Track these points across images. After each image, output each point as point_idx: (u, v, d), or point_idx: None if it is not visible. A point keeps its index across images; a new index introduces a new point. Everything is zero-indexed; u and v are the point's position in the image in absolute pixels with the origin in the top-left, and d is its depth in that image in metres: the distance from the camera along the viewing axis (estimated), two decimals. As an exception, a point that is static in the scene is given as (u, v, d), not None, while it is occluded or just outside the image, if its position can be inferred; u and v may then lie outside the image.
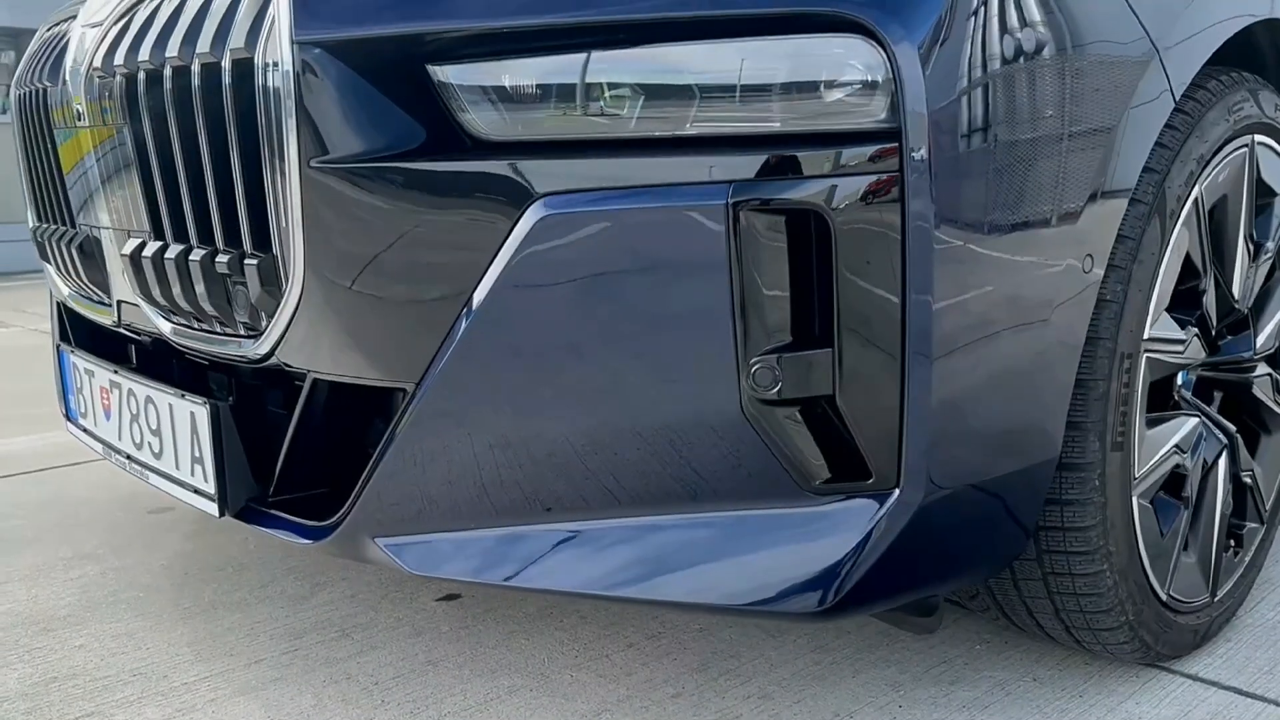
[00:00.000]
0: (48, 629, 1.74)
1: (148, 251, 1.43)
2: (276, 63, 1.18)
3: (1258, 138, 1.50)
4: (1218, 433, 1.55)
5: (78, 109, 1.53)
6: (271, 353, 1.32)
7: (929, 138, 1.04)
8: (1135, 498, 1.36)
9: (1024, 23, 1.11)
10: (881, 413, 1.10)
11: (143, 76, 1.37)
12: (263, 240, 1.26)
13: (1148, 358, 1.34)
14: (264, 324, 1.31)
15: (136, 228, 1.48)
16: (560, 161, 1.11)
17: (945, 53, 1.05)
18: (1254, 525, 1.64)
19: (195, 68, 1.28)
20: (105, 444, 1.70)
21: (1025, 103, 1.12)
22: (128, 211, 1.49)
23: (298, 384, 1.39)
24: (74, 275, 1.75)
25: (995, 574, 1.39)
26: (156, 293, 1.46)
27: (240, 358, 1.39)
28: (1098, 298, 1.24)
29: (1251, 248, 1.54)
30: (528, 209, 1.10)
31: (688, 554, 1.19)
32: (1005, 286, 1.14)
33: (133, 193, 1.45)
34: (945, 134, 1.05)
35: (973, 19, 1.07)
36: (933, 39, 1.04)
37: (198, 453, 1.42)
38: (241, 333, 1.38)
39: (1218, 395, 1.61)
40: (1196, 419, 1.49)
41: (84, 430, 1.79)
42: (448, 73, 1.14)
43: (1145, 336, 1.32)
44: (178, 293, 1.41)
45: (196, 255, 1.35)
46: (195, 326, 1.46)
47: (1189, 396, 1.52)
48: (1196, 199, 1.38)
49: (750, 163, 1.05)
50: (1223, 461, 1.54)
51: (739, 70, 1.05)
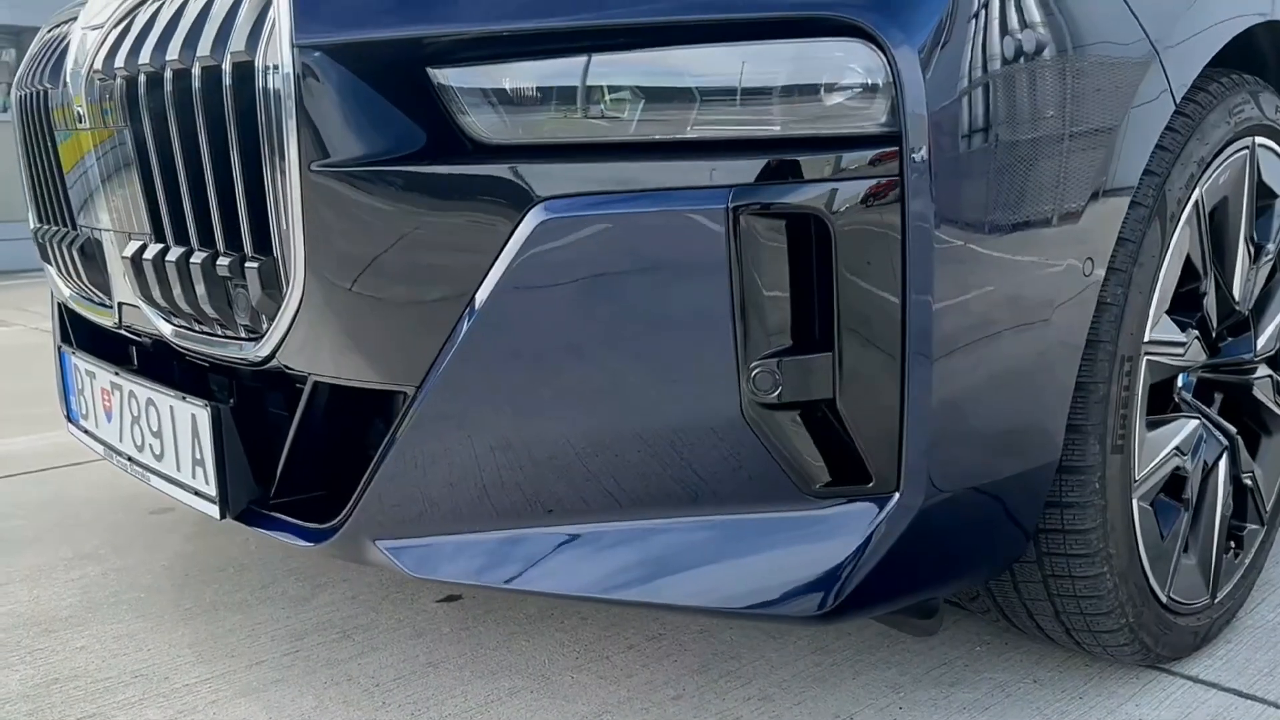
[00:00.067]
0: (49, 630, 1.74)
1: (149, 254, 1.43)
2: (277, 66, 1.18)
3: (1258, 139, 1.50)
4: (1218, 434, 1.55)
5: (78, 111, 1.53)
6: (272, 355, 1.32)
7: (929, 141, 1.04)
8: (1135, 500, 1.36)
9: (1024, 26, 1.11)
10: (881, 416, 1.10)
11: (143, 79, 1.37)
12: (263, 243, 1.27)
13: (1148, 360, 1.34)
14: (265, 326, 1.31)
15: (137, 230, 1.48)
16: (561, 165, 1.11)
17: (945, 56, 1.05)
18: (1254, 527, 1.65)
19: (196, 70, 1.28)
20: (107, 446, 1.70)
21: (1025, 106, 1.12)
22: (128, 214, 1.49)
23: (298, 386, 1.39)
24: (75, 277, 1.75)
25: (995, 576, 1.39)
26: (157, 295, 1.46)
27: (241, 360, 1.39)
28: (1098, 300, 1.24)
29: (1252, 249, 1.54)
30: (528, 212, 1.10)
31: (688, 557, 1.19)
32: (1005, 289, 1.14)
33: (133, 195, 1.46)
34: (945, 137, 1.06)
35: (972, 22, 1.08)
36: (933, 43, 1.04)
37: (199, 455, 1.43)
38: (242, 335, 1.38)
39: (1218, 397, 1.61)
40: (1197, 421, 1.49)
41: (85, 432, 1.79)
42: (448, 76, 1.14)
43: (1146, 339, 1.32)
44: (178, 295, 1.41)
45: (197, 258, 1.35)
46: (196, 329, 1.47)
47: (1189, 398, 1.52)
48: (1197, 201, 1.38)
49: (751, 167, 1.05)
50: (1223, 463, 1.54)
51: (739, 74, 1.05)
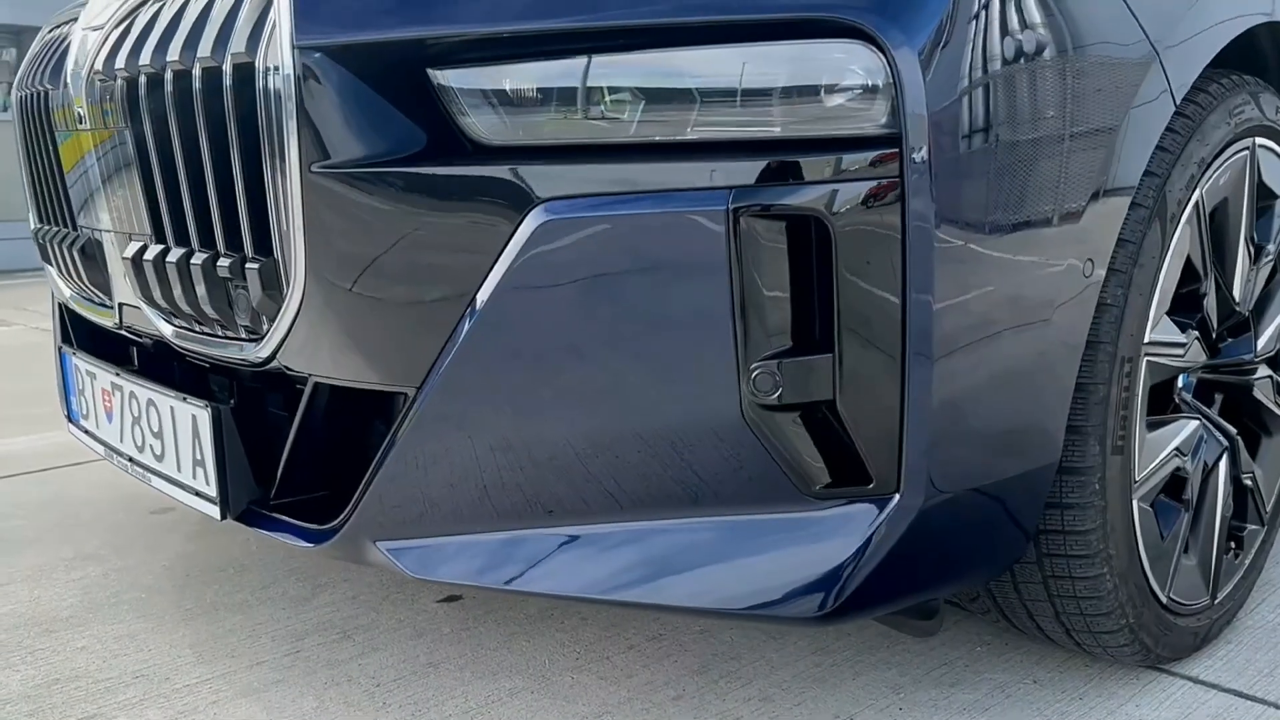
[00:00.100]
0: (50, 630, 1.74)
1: (149, 255, 1.44)
2: (277, 67, 1.18)
3: (1259, 140, 1.50)
4: (1218, 435, 1.55)
5: (79, 112, 1.53)
6: (273, 356, 1.32)
7: (929, 142, 1.04)
8: (1135, 501, 1.36)
9: (1024, 27, 1.11)
10: (882, 417, 1.10)
11: (144, 80, 1.37)
12: (264, 244, 1.27)
13: (1148, 361, 1.34)
14: (265, 327, 1.31)
15: (138, 231, 1.48)
16: (561, 166, 1.11)
17: (945, 58, 1.05)
18: (1254, 527, 1.65)
19: (196, 72, 1.28)
20: (107, 446, 1.70)
21: (1025, 107, 1.12)
22: (129, 214, 1.49)
23: (299, 387, 1.39)
24: (75, 277, 1.75)
25: (996, 577, 1.39)
26: (158, 296, 1.47)
27: (241, 361, 1.39)
28: (1098, 301, 1.24)
29: (1252, 250, 1.54)
30: (529, 213, 1.11)
31: (688, 558, 1.19)
32: (1005, 290, 1.14)
33: (134, 196, 1.46)
34: (946, 138, 1.06)
35: (973, 23, 1.08)
36: (933, 44, 1.04)
37: (199, 456, 1.43)
38: (243, 336, 1.38)
39: (1218, 397, 1.61)
40: (1197, 422, 1.49)
41: (86, 432, 1.79)
42: (448, 77, 1.14)
43: (1146, 340, 1.32)
44: (179, 296, 1.41)
45: (198, 259, 1.36)
46: (196, 329, 1.47)
47: (1189, 399, 1.52)
48: (1197, 202, 1.38)
49: (751, 168, 1.05)
50: (1223, 464, 1.54)
51: (739, 76, 1.05)
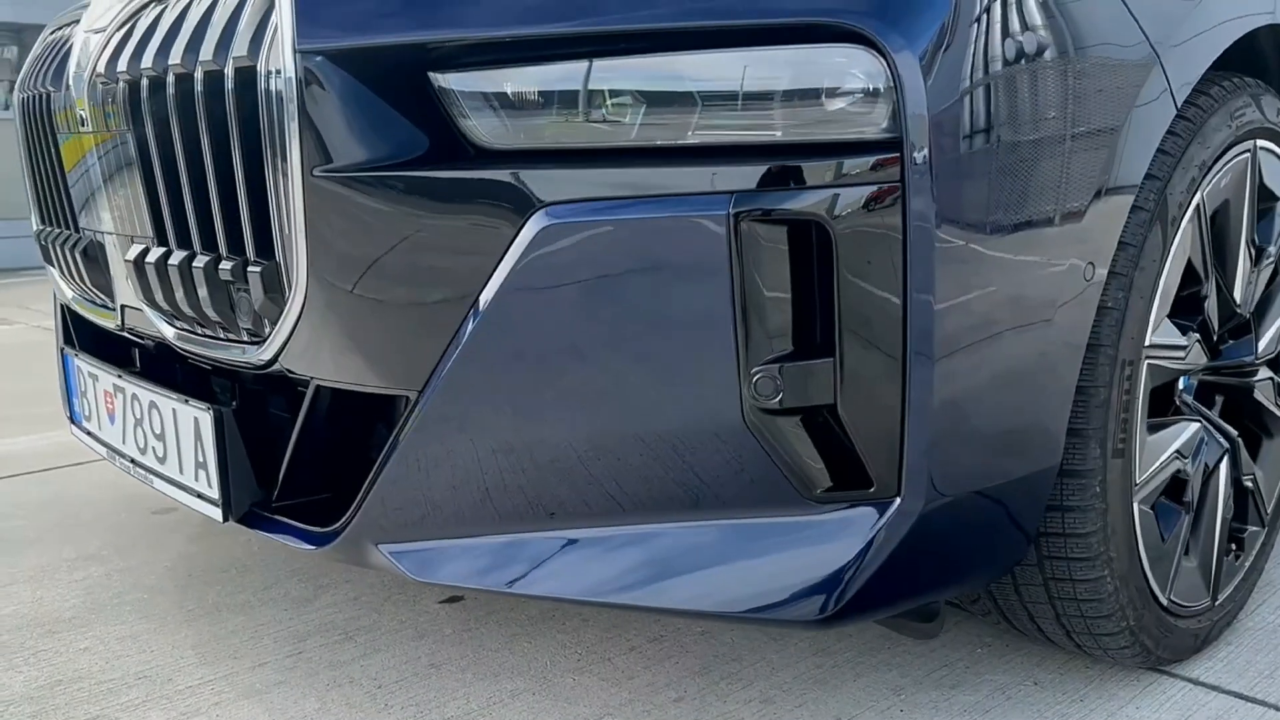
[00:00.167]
0: (53, 631, 1.74)
1: (151, 257, 1.44)
2: (279, 70, 1.18)
3: (1260, 143, 1.50)
4: (1219, 437, 1.55)
5: (81, 114, 1.53)
6: (275, 359, 1.33)
7: (930, 146, 1.04)
8: (1136, 503, 1.36)
9: (1024, 31, 1.11)
10: (882, 421, 1.10)
11: (146, 83, 1.37)
12: (266, 247, 1.27)
13: (1149, 364, 1.34)
14: (267, 330, 1.31)
15: (140, 233, 1.48)
16: (562, 171, 1.11)
17: (946, 62, 1.05)
18: (1255, 529, 1.65)
19: (198, 75, 1.28)
20: (109, 448, 1.70)
21: (1026, 110, 1.12)
22: (131, 217, 1.49)
23: (301, 389, 1.39)
24: (77, 279, 1.76)
25: (996, 580, 1.39)
26: (160, 298, 1.47)
27: (243, 364, 1.39)
28: (1099, 305, 1.24)
29: (1253, 253, 1.54)
30: (530, 218, 1.11)
31: (690, 561, 1.19)
32: (1005, 293, 1.14)
33: (136, 198, 1.46)
34: (946, 143, 1.06)
35: (974, 27, 1.08)
36: (934, 48, 1.04)
37: (201, 458, 1.43)
38: (245, 339, 1.38)
39: (1219, 399, 1.61)
40: (1198, 424, 1.49)
41: (88, 434, 1.80)
42: (450, 81, 1.14)
43: (1146, 343, 1.32)
44: (181, 298, 1.42)
45: (200, 262, 1.36)
46: (198, 332, 1.47)
47: (1190, 401, 1.52)
48: (1198, 205, 1.38)
49: (752, 173, 1.06)
50: (1224, 466, 1.54)
51: (740, 80, 1.05)
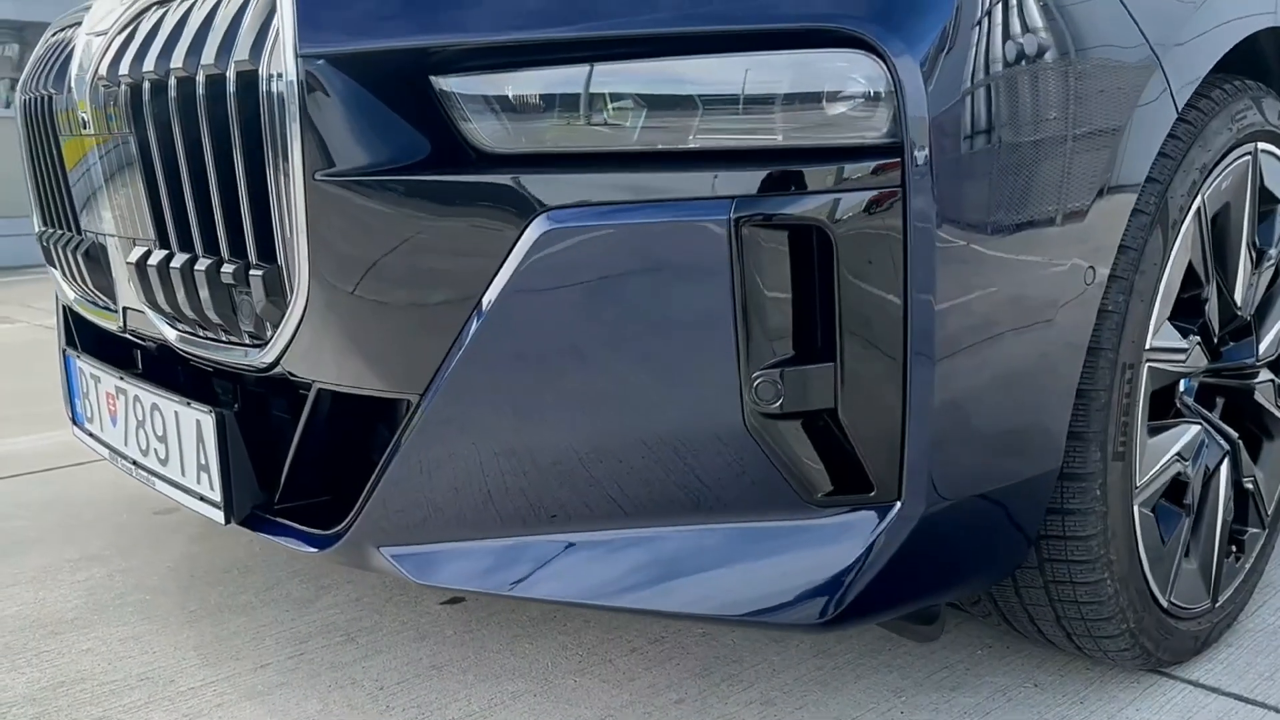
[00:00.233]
0: (55, 632, 1.75)
1: (153, 260, 1.44)
2: (280, 74, 1.19)
3: (1261, 145, 1.50)
4: (1219, 439, 1.55)
5: (83, 117, 1.53)
6: (276, 362, 1.33)
7: (931, 151, 1.04)
8: (1136, 506, 1.36)
9: (1024, 35, 1.11)
10: (883, 426, 1.11)
11: (148, 86, 1.38)
12: (268, 251, 1.27)
13: (1149, 367, 1.34)
14: (269, 334, 1.32)
15: (142, 236, 1.48)
16: (564, 175, 1.11)
17: (947, 67, 1.05)
18: (1255, 531, 1.65)
19: (200, 78, 1.28)
20: (111, 449, 1.70)
21: (1028, 115, 1.12)
22: (133, 219, 1.49)
23: (303, 392, 1.39)
24: (79, 281, 1.76)
25: (997, 583, 1.39)
26: (162, 301, 1.47)
27: (245, 366, 1.40)
28: (1099, 308, 1.24)
29: (1254, 255, 1.54)
30: (531, 222, 1.11)
31: (690, 564, 1.19)
32: (1008, 296, 1.14)
33: (138, 201, 1.46)
34: (947, 147, 1.06)
35: (974, 31, 1.08)
36: (934, 53, 1.04)
37: (203, 460, 1.43)
38: (247, 341, 1.38)
39: (1220, 401, 1.61)
40: (1198, 426, 1.49)
41: (90, 435, 1.80)
42: (451, 85, 1.15)
43: (1147, 346, 1.33)
44: (183, 301, 1.42)
45: (202, 265, 1.36)
46: (200, 334, 1.47)
47: (1191, 403, 1.52)
48: (1199, 208, 1.38)
49: (753, 177, 1.06)
50: (1224, 468, 1.54)
51: (742, 85, 1.05)
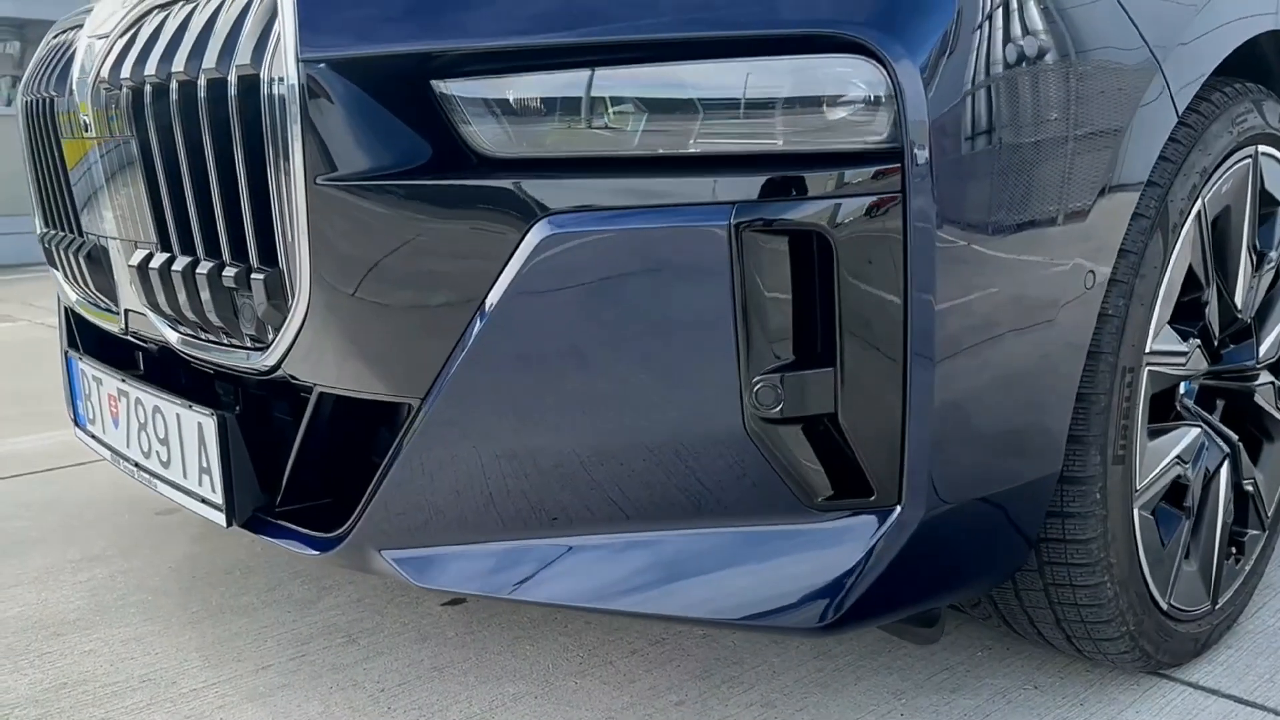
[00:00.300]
0: (58, 633, 1.75)
1: (154, 263, 1.44)
2: (282, 78, 1.19)
3: (1261, 148, 1.50)
4: (1220, 442, 1.55)
5: (84, 119, 1.53)
6: (278, 365, 1.33)
7: (932, 157, 1.05)
8: (1136, 509, 1.37)
9: (1024, 40, 1.11)
10: (883, 430, 1.11)
11: (149, 89, 1.38)
12: (269, 255, 1.27)
13: (1149, 370, 1.35)
14: (270, 337, 1.32)
15: (143, 238, 1.48)
16: (564, 180, 1.12)
17: (947, 73, 1.05)
18: (1255, 532, 1.65)
19: (201, 82, 1.29)
20: (113, 451, 1.71)
21: (1028, 121, 1.12)
22: (134, 222, 1.50)
23: (304, 394, 1.40)
24: (81, 282, 1.76)
25: (997, 586, 1.39)
26: (163, 303, 1.47)
27: (247, 369, 1.40)
28: (1099, 312, 1.24)
29: (1254, 258, 1.54)
30: (532, 227, 1.11)
31: (690, 568, 1.19)
32: (1008, 298, 1.14)
33: (139, 204, 1.46)
34: (948, 152, 1.06)
35: (975, 35, 1.08)
36: (935, 59, 1.04)
37: (205, 463, 1.44)
38: (248, 344, 1.38)
39: (1220, 404, 1.61)
40: (1199, 429, 1.49)
41: (92, 437, 1.80)
42: (453, 90, 1.15)
43: (1147, 350, 1.33)
44: (184, 304, 1.42)
45: (203, 268, 1.36)
46: (202, 337, 1.47)
47: (1191, 406, 1.52)
48: (1199, 211, 1.38)
49: (753, 183, 1.06)
50: (1224, 470, 1.54)
51: (742, 91, 1.05)
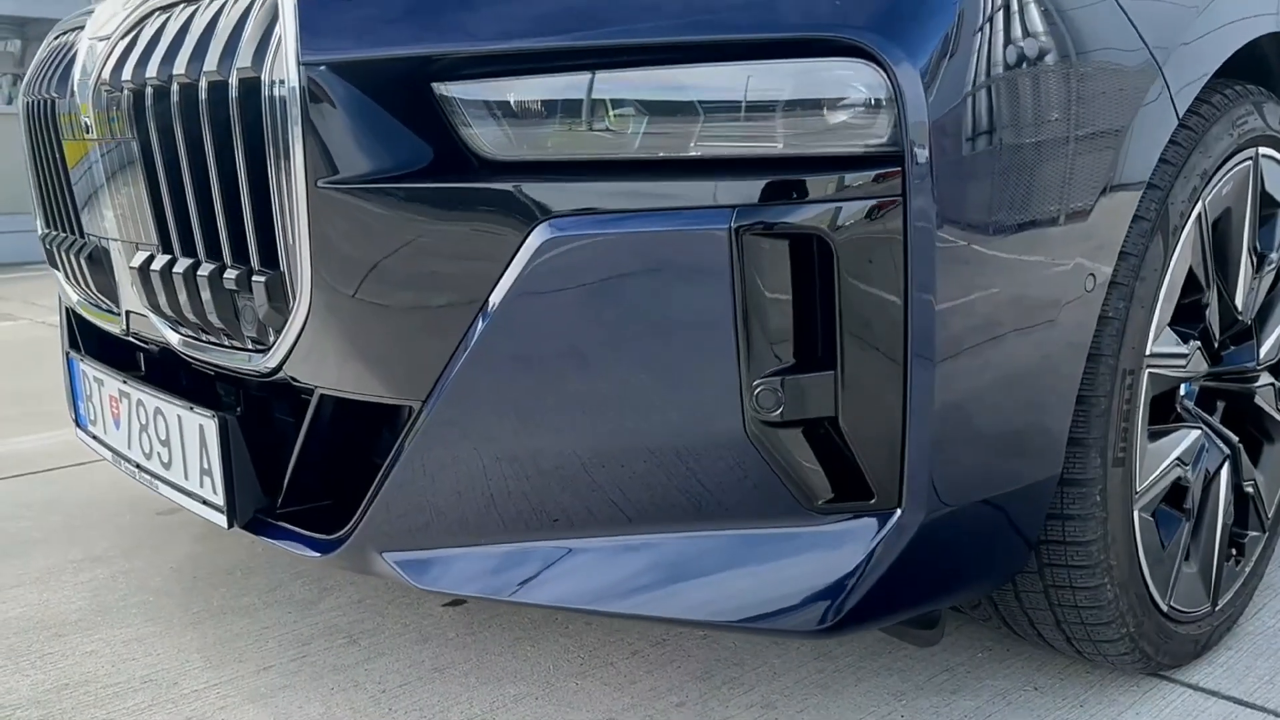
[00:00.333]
0: (59, 634, 1.75)
1: (156, 265, 1.44)
2: (283, 81, 1.19)
3: (1262, 150, 1.50)
4: (1220, 443, 1.55)
5: (85, 121, 1.53)
6: (279, 367, 1.33)
7: (932, 160, 1.05)
8: (1136, 511, 1.37)
9: (1025, 43, 1.12)
10: (883, 433, 1.11)
11: (150, 92, 1.38)
12: (270, 257, 1.27)
13: (1150, 373, 1.35)
14: (272, 339, 1.32)
15: (144, 240, 1.49)
16: (565, 183, 1.12)
17: (947, 76, 1.05)
18: (1256, 534, 1.65)
19: (202, 85, 1.29)
20: (115, 452, 1.71)
21: (1029, 125, 1.12)
22: (136, 224, 1.50)
23: (305, 396, 1.40)
24: (82, 284, 1.76)
25: (997, 588, 1.39)
26: (164, 305, 1.47)
27: (248, 371, 1.40)
28: (1100, 315, 1.24)
29: (1255, 259, 1.54)
30: (533, 230, 1.11)
31: (691, 570, 1.20)
32: (1009, 307, 1.15)
33: (140, 205, 1.46)
34: (949, 155, 1.06)
35: (975, 38, 1.08)
36: (935, 63, 1.04)
37: (206, 465, 1.44)
38: (249, 346, 1.39)
39: (1220, 405, 1.61)
40: (1199, 431, 1.50)
41: (94, 438, 1.81)
42: (454, 93, 1.15)
43: (1147, 352, 1.33)
44: (185, 305, 1.42)
45: (204, 270, 1.36)
46: (203, 339, 1.47)
47: (1191, 407, 1.52)
48: (1200, 214, 1.38)
49: (754, 186, 1.06)
50: (1225, 472, 1.55)
51: (743, 94, 1.05)
